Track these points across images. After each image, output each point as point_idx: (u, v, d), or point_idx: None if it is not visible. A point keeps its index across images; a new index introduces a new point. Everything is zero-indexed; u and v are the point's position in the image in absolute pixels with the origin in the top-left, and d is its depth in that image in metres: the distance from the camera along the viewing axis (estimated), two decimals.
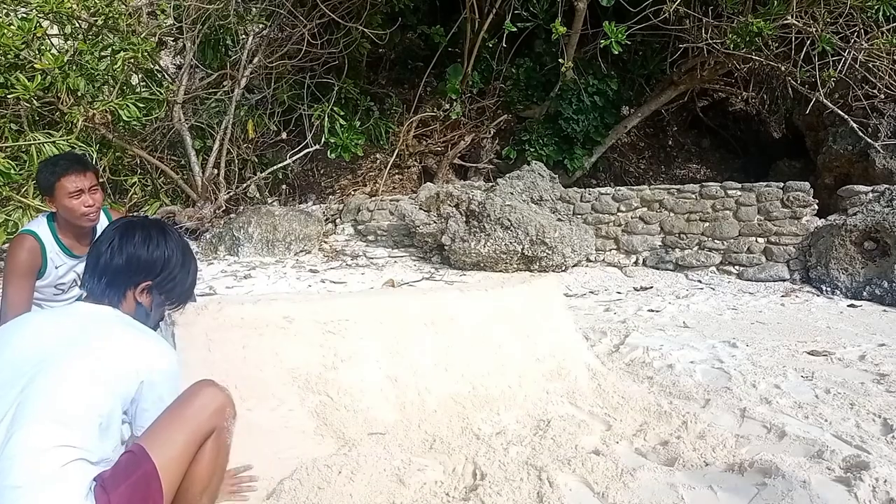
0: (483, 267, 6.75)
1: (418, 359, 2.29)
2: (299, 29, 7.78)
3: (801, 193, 6.43)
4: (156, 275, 1.54)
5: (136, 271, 1.52)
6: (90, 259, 1.54)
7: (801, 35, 7.00)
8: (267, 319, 2.15)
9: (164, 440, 1.36)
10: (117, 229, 1.54)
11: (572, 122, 8.69)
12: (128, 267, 1.51)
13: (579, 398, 2.53)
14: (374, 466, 1.87)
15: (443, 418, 2.19)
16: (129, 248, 1.51)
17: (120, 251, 1.50)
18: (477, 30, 8.83)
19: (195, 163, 7.67)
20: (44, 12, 6.38)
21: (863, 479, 1.84)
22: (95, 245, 1.55)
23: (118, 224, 1.56)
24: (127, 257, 1.50)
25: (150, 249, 1.53)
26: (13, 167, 5.88)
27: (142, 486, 1.29)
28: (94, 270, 1.51)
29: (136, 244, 1.51)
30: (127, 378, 1.37)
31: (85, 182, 2.33)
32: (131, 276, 1.51)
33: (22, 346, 1.37)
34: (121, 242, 1.51)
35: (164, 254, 1.55)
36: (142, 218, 1.61)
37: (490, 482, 1.84)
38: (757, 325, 4.52)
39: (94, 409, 1.31)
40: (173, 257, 1.57)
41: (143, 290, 1.54)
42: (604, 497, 1.80)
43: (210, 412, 1.44)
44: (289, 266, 6.90)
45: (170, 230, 1.60)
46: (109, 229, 1.55)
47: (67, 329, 1.41)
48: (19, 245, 2.33)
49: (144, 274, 1.53)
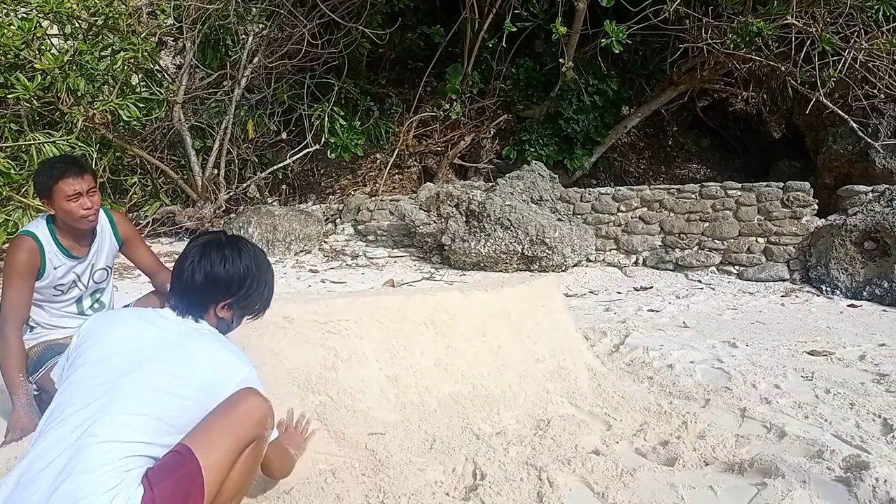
0: (483, 267, 6.75)
1: (418, 359, 2.28)
2: (299, 29, 7.78)
3: (801, 193, 6.43)
4: (234, 293, 1.61)
5: (216, 291, 1.58)
6: (174, 274, 1.60)
7: (801, 35, 7.00)
8: (267, 319, 2.15)
9: (211, 443, 1.40)
10: (197, 248, 1.59)
11: (572, 122, 8.70)
12: (206, 287, 1.56)
13: (579, 398, 2.53)
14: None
15: (443, 418, 2.19)
16: (207, 267, 1.56)
17: (200, 270, 1.56)
18: (477, 30, 8.84)
19: (195, 163, 7.67)
20: (44, 12, 6.38)
21: (863, 479, 1.84)
22: (178, 262, 1.59)
23: (198, 242, 1.61)
24: (205, 277, 1.56)
25: (226, 268, 1.58)
26: (13, 167, 5.87)
27: (185, 484, 1.33)
28: (177, 288, 1.58)
29: (214, 263, 1.56)
30: (210, 390, 1.44)
31: (83, 185, 2.31)
32: (211, 295, 1.58)
33: (115, 344, 1.46)
34: (200, 262, 1.56)
35: (240, 272, 1.60)
36: (220, 234, 1.64)
37: (490, 482, 1.84)
38: (757, 325, 4.52)
39: (173, 415, 1.39)
40: (249, 275, 1.62)
41: (223, 307, 1.61)
42: (604, 497, 1.80)
43: (254, 421, 1.47)
44: (289, 266, 6.90)
45: (245, 246, 1.64)
46: (191, 246, 1.60)
47: (163, 333, 1.50)
48: (18, 246, 2.32)
49: (223, 292, 1.59)
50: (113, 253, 2.63)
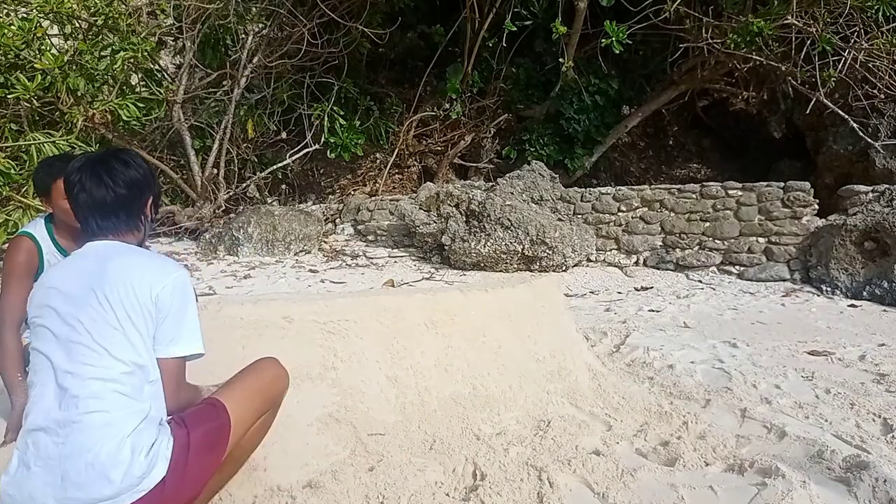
0: (483, 267, 6.75)
1: (418, 359, 2.28)
2: (299, 28, 7.78)
3: (802, 193, 6.43)
4: (151, 186, 1.62)
5: (142, 193, 1.58)
6: (87, 205, 1.53)
7: (802, 35, 6.99)
8: (267, 319, 2.15)
9: (241, 401, 1.50)
10: (94, 171, 1.52)
11: (573, 122, 8.69)
12: (132, 193, 1.55)
13: (580, 398, 2.53)
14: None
15: (443, 418, 2.19)
16: (122, 177, 1.53)
17: (116, 183, 1.52)
18: (477, 29, 8.83)
19: (195, 162, 7.67)
20: (44, 12, 6.38)
21: (863, 479, 1.84)
22: (83, 190, 1.52)
23: (88, 166, 1.54)
24: (128, 185, 1.54)
25: (135, 169, 1.57)
26: (13, 167, 5.87)
27: (215, 434, 1.44)
28: (100, 210, 1.52)
29: (125, 171, 1.55)
30: (146, 304, 1.43)
31: None
32: (137, 199, 1.57)
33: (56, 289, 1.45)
34: (111, 176, 1.52)
35: (144, 166, 1.60)
36: (96, 153, 1.64)
37: (490, 482, 1.84)
38: (757, 325, 4.52)
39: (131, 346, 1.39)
40: (148, 165, 1.64)
41: (149, 206, 1.62)
42: (604, 497, 1.80)
43: (279, 389, 1.60)
44: (288, 266, 6.90)
45: (123, 148, 1.70)
46: (82, 175, 1.53)
47: (87, 266, 1.47)
48: (16, 247, 2.33)
49: (147, 191, 1.60)
50: None
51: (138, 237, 1.60)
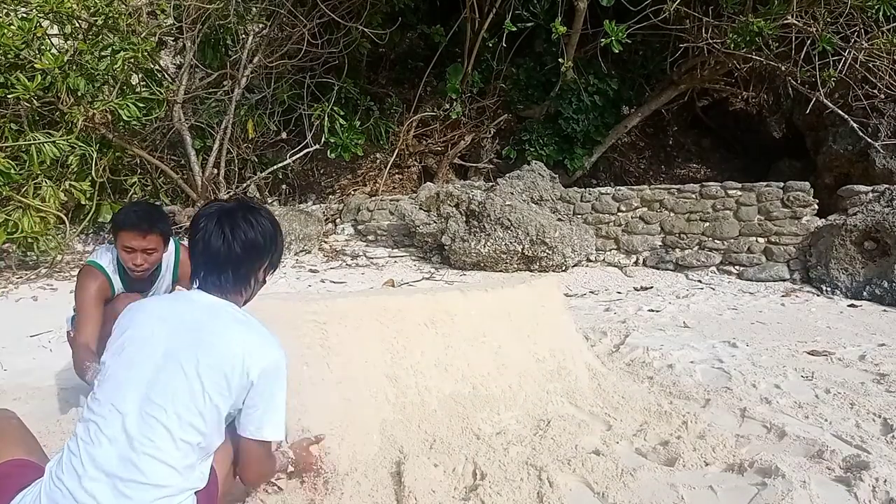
0: (483, 267, 6.75)
1: (418, 359, 2.28)
2: (299, 29, 7.77)
3: (802, 193, 6.43)
4: (270, 252, 1.58)
5: (257, 256, 1.54)
6: (203, 255, 1.50)
7: (802, 35, 6.99)
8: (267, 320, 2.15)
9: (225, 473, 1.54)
10: (219, 222, 1.50)
11: (572, 122, 8.69)
12: (247, 255, 1.51)
13: (579, 398, 2.53)
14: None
15: (443, 418, 2.19)
16: (242, 237, 1.50)
17: (236, 242, 1.49)
18: (477, 29, 8.83)
19: (195, 162, 7.67)
20: (44, 12, 6.38)
21: (863, 479, 1.84)
22: (202, 240, 1.50)
23: (215, 215, 1.51)
24: (244, 246, 1.50)
25: (259, 231, 1.53)
26: (13, 167, 5.87)
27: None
28: (213, 266, 1.50)
29: (246, 230, 1.51)
30: (238, 377, 1.41)
31: (142, 243, 2.36)
32: (253, 261, 1.54)
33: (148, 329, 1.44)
34: (233, 232, 1.49)
35: (270, 230, 1.57)
36: (229, 202, 1.58)
37: (490, 482, 1.84)
38: (757, 325, 4.52)
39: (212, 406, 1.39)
40: (276, 230, 1.60)
41: (263, 270, 1.59)
42: (604, 497, 1.80)
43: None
44: (289, 266, 6.90)
45: (256, 205, 1.60)
46: (207, 223, 1.50)
47: (196, 315, 1.45)
48: (85, 276, 2.44)
49: (264, 255, 1.56)
50: (170, 289, 2.69)
51: (245, 297, 1.58)
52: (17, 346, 3.75)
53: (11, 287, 5.61)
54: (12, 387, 2.95)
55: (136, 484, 1.29)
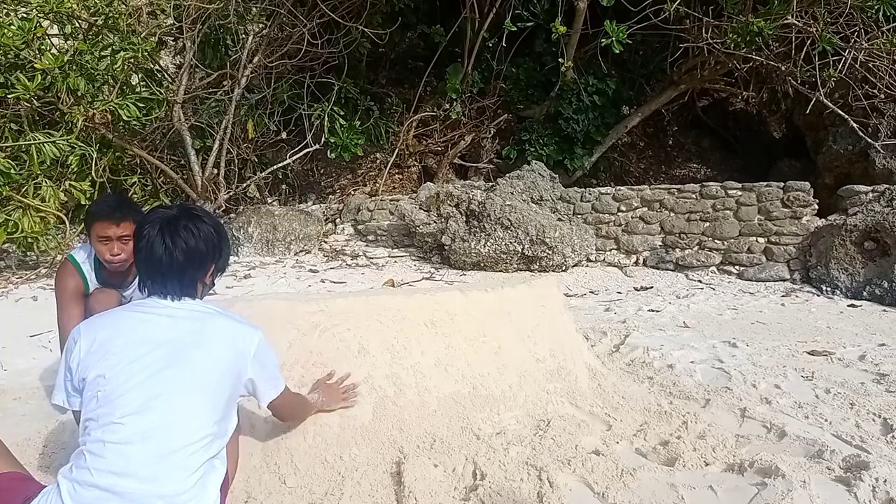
0: (483, 267, 6.75)
1: (418, 359, 2.28)
2: (299, 29, 7.78)
3: (802, 193, 6.43)
4: (216, 257, 1.62)
5: (200, 263, 1.57)
6: (145, 263, 1.53)
7: (802, 35, 6.99)
8: (264, 319, 2.15)
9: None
10: (160, 231, 1.52)
11: (572, 122, 8.69)
12: (190, 262, 1.54)
13: (579, 398, 2.53)
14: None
15: (443, 418, 2.19)
16: (182, 245, 1.52)
17: (177, 250, 1.51)
18: (477, 29, 8.83)
19: (195, 162, 7.67)
20: (44, 12, 6.38)
21: (863, 479, 1.84)
22: (144, 250, 1.52)
23: (157, 223, 1.53)
24: (186, 254, 1.52)
25: (201, 238, 1.55)
26: (13, 167, 5.87)
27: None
28: (157, 274, 1.53)
29: (187, 238, 1.53)
30: (237, 361, 1.53)
31: (116, 231, 2.37)
32: (197, 268, 1.56)
33: (142, 333, 1.47)
34: (173, 241, 1.51)
35: (213, 236, 1.59)
36: (171, 211, 1.59)
37: (490, 482, 1.84)
38: (757, 325, 4.52)
39: (224, 399, 1.49)
40: (219, 235, 1.62)
41: (210, 274, 1.63)
42: (604, 497, 1.80)
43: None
44: (289, 266, 6.90)
45: (198, 210, 1.63)
46: (150, 231, 1.52)
47: (181, 321, 1.51)
48: (62, 271, 2.49)
49: (208, 261, 1.59)
50: None
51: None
52: (17, 346, 3.75)
53: (11, 287, 5.61)
54: (12, 387, 2.95)
55: (174, 472, 1.35)
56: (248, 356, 1.53)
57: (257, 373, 1.56)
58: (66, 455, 2.11)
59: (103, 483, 1.29)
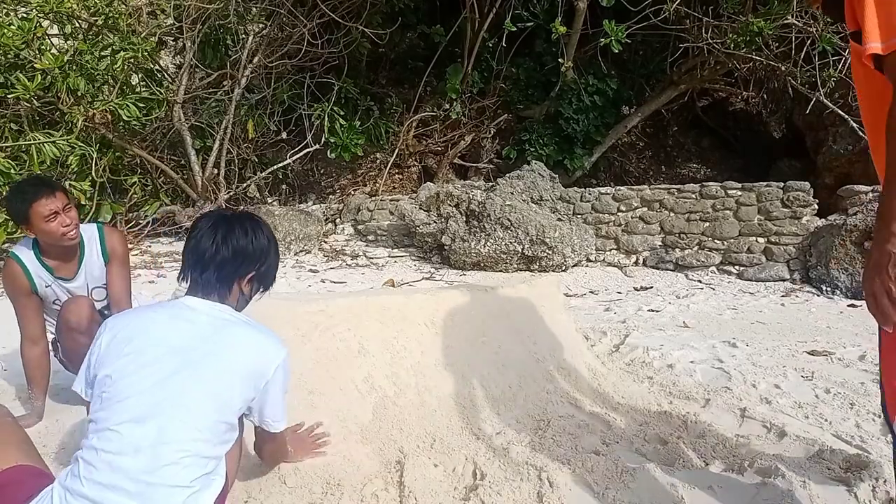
0: (483, 267, 6.75)
1: (418, 359, 2.29)
2: (299, 29, 7.78)
3: (802, 193, 6.43)
4: (257, 266, 1.59)
5: (243, 264, 1.56)
6: (192, 253, 1.54)
7: (802, 35, 6.99)
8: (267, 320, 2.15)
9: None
10: (215, 224, 1.54)
11: (572, 122, 8.69)
12: (234, 260, 1.54)
13: (579, 398, 2.53)
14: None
15: (443, 418, 2.19)
16: (234, 242, 1.53)
17: (225, 245, 1.52)
18: (477, 29, 8.83)
19: (195, 162, 7.67)
20: (44, 12, 6.38)
21: (863, 479, 1.84)
22: (196, 239, 1.54)
23: (214, 219, 1.56)
24: (233, 251, 1.53)
25: (252, 242, 1.56)
26: (13, 167, 5.87)
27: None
28: (199, 264, 1.53)
29: (239, 237, 1.54)
30: (251, 379, 1.47)
31: (57, 203, 2.33)
32: (238, 268, 1.55)
33: (152, 340, 1.44)
34: (225, 237, 1.53)
35: (264, 245, 1.59)
36: (234, 212, 1.62)
37: (490, 482, 1.84)
38: (757, 325, 4.52)
39: (231, 412, 1.45)
40: (271, 248, 1.62)
41: (248, 281, 1.59)
42: (604, 497, 1.80)
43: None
44: (289, 266, 6.90)
45: (260, 221, 1.64)
46: (204, 224, 1.55)
47: (195, 328, 1.47)
48: (5, 269, 2.45)
49: (250, 265, 1.58)
50: (104, 270, 2.60)
51: (230, 304, 1.58)
52: (17, 346, 3.74)
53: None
54: (12, 387, 2.95)
55: (165, 487, 1.31)
56: (263, 378, 1.48)
57: (265, 401, 1.52)
58: (66, 455, 2.12)
59: (92, 495, 1.28)
